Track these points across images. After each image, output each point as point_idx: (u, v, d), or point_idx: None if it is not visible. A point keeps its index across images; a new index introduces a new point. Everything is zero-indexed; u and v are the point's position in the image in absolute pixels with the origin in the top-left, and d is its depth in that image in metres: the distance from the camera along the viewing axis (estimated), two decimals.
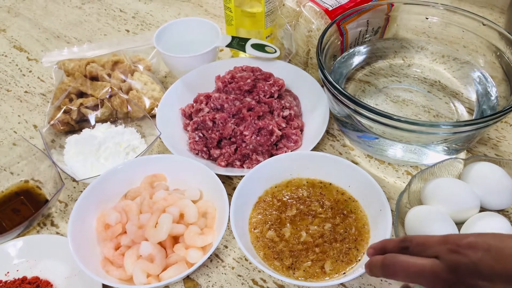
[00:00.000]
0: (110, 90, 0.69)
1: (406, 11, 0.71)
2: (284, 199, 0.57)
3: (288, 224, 0.54)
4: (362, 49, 0.74)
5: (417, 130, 0.53)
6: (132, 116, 0.69)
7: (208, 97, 0.67)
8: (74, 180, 0.59)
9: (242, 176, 0.57)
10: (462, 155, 0.64)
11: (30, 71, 0.82)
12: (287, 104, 0.67)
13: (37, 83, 0.80)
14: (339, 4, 0.69)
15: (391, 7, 0.71)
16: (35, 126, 0.72)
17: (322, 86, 0.67)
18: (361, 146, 0.65)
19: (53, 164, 0.60)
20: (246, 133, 0.62)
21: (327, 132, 0.69)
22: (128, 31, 0.90)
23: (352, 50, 0.72)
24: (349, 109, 0.57)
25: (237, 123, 0.64)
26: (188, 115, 0.68)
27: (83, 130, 0.67)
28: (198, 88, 0.71)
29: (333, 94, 0.58)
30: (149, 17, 0.94)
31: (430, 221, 0.51)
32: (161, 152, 0.67)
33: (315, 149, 0.63)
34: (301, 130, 0.66)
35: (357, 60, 0.73)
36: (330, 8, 0.68)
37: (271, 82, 0.68)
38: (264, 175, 0.58)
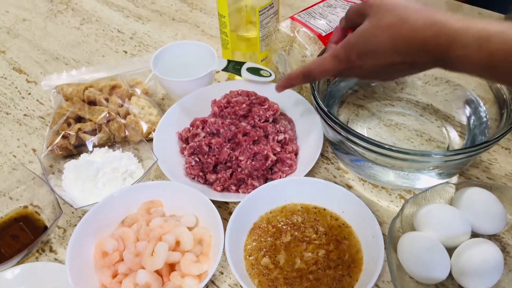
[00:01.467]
0: (108, 115, 0.70)
1: None
2: (279, 225, 0.58)
3: (283, 251, 0.55)
4: None
5: (409, 158, 0.54)
6: (129, 140, 0.70)
7: (204, 121, 0.68)
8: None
9: (237, 201, 0.58)
10: (454, 178, 0.65)
11: (29, 94, 0.83)
12: (282, 128, 0.68)
13: (36, 106, 0.81)
14: (333, 30, 0.70)
15: None
16: (34, 150, 0.73)
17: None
18: (354, 169, 0.66)
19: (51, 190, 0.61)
20: (241, 158, 0.63)
21: (321, 155, 0.69)
22: (126, 52, 0.92)
23: None
24: (341, 136, 0.59)
25: (232, 147, 0.65)
26: (184, 139, 0.69)
27: (81, 155, 0.68)
28: (195, 111, 0.72)
29: (326, 121, 0.60)
30: (147, 37, 0.95)
31: (422, 248, 0.52)
32: (158, 175, 0.68)
33: (309, 172, 0.64)
34: (296, 154, 0.67)
35: (350, 83, 0.74)
36: (324, 34, 0.70)
37: (266, 106, 0.69)
38: (259, 201, 0.59)
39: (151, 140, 0.69)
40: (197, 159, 0.66)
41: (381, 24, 0.46)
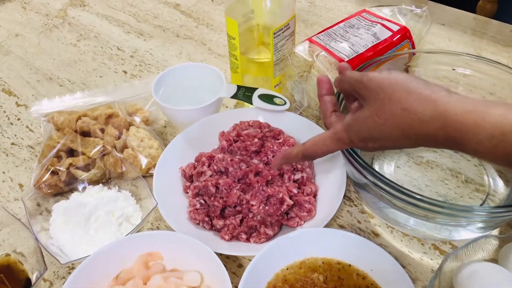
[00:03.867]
0: (102, 148, 0.62)
1: (428, 61, 0.64)
2: (297, 285, 0.50)
3: None
4: None
5: (446, 212, 0.46)
6: (126, 177, 0.63)
7: (211, 158, 0.60)
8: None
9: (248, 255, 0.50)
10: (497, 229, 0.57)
11: (19, 119, 0.76)
12: (299, 166, 0.60)
13: (25, 133, 0.73)
14: (356, 54, 0.63)
15: (412, 55, 0.65)
16: (20, 186, 0.66)
17: None
18: (379, 214, 0.58)
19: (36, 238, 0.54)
20: (253, 202, 0.55)
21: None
22: (125, 72, 0.84)
23: None
24: (368, 180, 0.51)
25: (243, 189, 0.57)
26: (188, 177, 0.62)
27: (72, 195, 0.60)
28: (201, 143, 0.65)
29: (351, 162, 0.52)
30: (149, 56, 0.88)
31: None
32: (158, 217, 0.61)
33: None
34: (314, 196, 0.59)
35: None
36: (346, 59, 0.62)
37: (281, 140, 0.61)
38: (274, 257, 0.51)
39: (151, 175, 0.62)
40: (203, 201, 0.58)
41: (384, 113, 0.42)
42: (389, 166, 0.62)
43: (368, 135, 0.44)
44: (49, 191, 0.61)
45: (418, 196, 0.47)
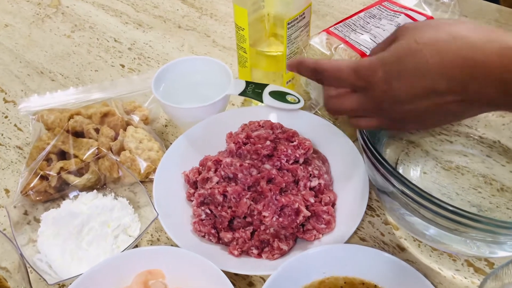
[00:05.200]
0: (97, 151, 0.56)
1: None
2: None
3: None
4: None
5: (483, 228, 0.41)
6: (123, 182, 0.57)
7: (217, 162, 0.54)
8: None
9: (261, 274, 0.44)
10: None
11: (6, 117, 0.70)
12: (316, 172, 0.54)
13: (13, 132, 0.67)
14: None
15: None
16: (6, 191, 0.60)
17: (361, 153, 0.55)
18: (404, 225, 0.52)
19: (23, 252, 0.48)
20: (265, 214, 0.49)
21: None
22: (123, 66, 0.78)
23: None
24: (394, 188, 0.45)
25: (254, 198, 0.51)
26: (192, 183, 0.56)
27: (63, 203, 0.54)
28: (206, 145, 0.59)
29: (375, 166, 0.46)
30: (148, 48, 0.81)
31: None
32: (159, 228, 0.55)
33: None
34: (333, 205, 0.54)
35: None
36: (368, 52, 0.56)
37: (295, 143, 0.55)
38: (291, 276, 0.45)
39: (151, 181, 0.56)
40: (208, 211, 0.52)
41: (424, 39, 0.36)
42: (414, 172, 0.56)
43: (396, 68, 0.37)
44: (37, 198, 0.55)
45: (451, 208, 0.41)
